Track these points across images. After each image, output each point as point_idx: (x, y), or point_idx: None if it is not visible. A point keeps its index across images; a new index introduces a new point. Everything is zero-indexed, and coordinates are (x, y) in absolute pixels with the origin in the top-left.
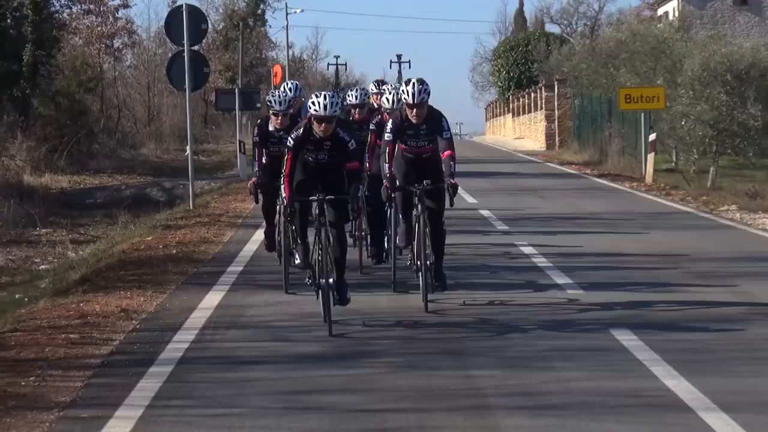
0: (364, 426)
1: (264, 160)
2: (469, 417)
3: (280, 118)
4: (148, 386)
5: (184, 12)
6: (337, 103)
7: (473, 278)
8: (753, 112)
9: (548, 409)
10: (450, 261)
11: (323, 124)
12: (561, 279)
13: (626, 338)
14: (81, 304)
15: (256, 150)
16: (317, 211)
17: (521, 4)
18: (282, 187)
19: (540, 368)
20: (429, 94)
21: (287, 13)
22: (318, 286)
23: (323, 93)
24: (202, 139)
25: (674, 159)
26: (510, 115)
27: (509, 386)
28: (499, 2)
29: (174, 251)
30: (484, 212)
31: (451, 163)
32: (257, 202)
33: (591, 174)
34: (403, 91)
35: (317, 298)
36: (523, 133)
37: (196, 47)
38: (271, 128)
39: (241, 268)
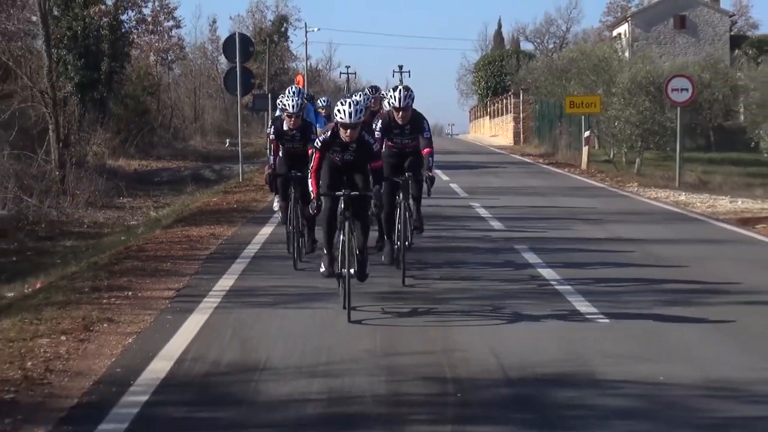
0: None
1: (281, 153)
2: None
3: (293, 119)
4: (237, 267)
5: (237, 38)
6: (361, 110)
7: (441, 222)
8: (670, 116)
9: (471, 280)
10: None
11: (349, 131)
12: (494, 222)
13: (523, 250)
14: (183, 231)
15: (272, 145)
16: (342, 205)
17: (499, 26)
18: (309, 182)
19: (472, 270)
20: (413, 99)
21: (306, 31)
22: (340, 275)
23: (348, 101)
24: (237, 133)
25: (611, 152)
26: (487, 117)
27: (452, 277)
28: (480, 24)
29: (234, 205)
30: (453, 185)
31: (430, 158)
32: (272, 190)
33: (542, 162)
34: (391, 96)
35: (338, 286)
36: (497, 131)
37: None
38: (285, 128)
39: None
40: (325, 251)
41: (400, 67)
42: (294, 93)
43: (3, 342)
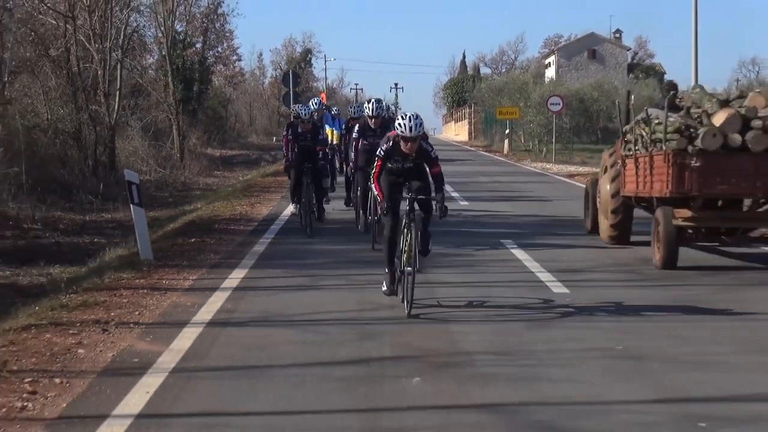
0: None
1: (296, 150)
2: None
3: (305, 124)
4: (275, 230)
5: (290, 74)
6: (420, 124)
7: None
8: (566, 121)
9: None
10: None
11: (409, 143)
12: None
13: (452, 191)
14: (245, 206)
15: (289, 144)
16: (407, 208)
17: (464, 57)
18: (372, 187)
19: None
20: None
21: (325, 60)
22: (402, 272)
23: (408, 115)
24: (277, 133)
25: (529, 144)
26: (453, 122)
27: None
28: (450, 55)
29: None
30: None
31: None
32: (289, 178)
33: (482, 150)
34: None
35: (395, 287)
36: (458, 131)
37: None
38: (299, 130)
39: None
40: (386, 270)
41: (396, 84)
42: (306, 105)
43: (229, 203)
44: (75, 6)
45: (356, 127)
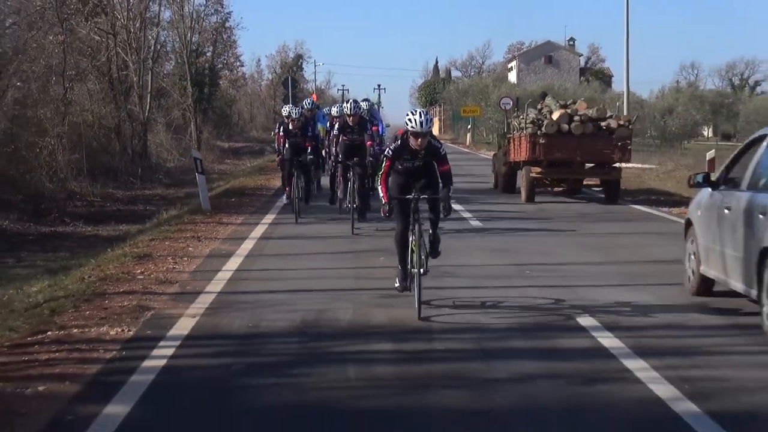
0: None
1: (287, 146)
2: None
3: (295, 122)
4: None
5: (289, 80)
6: (430, 120)
7: None
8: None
9: None
10: None
11: (419, 139)
12: None
13: None
14: (262, 180)
15: (281, 140)
16: (413, 207)
17: (436, 62)
18: (379, 188)
19: None
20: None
21: (315, 64)
22: (410, 275)
23: (418, 111)
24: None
25: (489, 137)
26: None
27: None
28: (424, 60)
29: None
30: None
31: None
32: (282, 170)
33: (449, 142)
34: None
35: (408, 284)
36: None
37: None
38: (290, 128)
39: None
40: (399, 267)
41: (379, 85)
42: (296, 106)
43: (251, 179)
44: (115, 25)
45: (336, 125)
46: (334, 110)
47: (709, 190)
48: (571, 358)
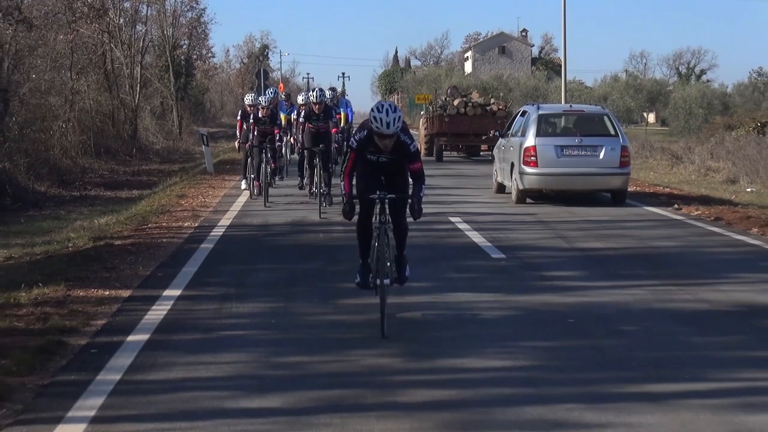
0: None
1: (255, 133)
2: None
3: (264, 110)
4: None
5: (261, 71)
6: (399, 118)
7: None
8: None
9: None
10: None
11: (385, 140)
12: None
13: None
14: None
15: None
16: (378, 209)
17: (396, 51)
18: (342, 184)
19: None
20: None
21: (281, 54)
22: (376, 285)
23: (385, 108)
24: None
25: None
26: None
27: None
28: (384, 50)
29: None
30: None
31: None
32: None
33: None
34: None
35: (375, 294)
36: None
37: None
38: (260, 115)
39: None
40: (361, 261)
41: (343, 74)
42: (263, 93)
43: (237, 155)
44: (110, 24)
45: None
46: (300, 98)
47: (501, 138)
48: (439, 231)
